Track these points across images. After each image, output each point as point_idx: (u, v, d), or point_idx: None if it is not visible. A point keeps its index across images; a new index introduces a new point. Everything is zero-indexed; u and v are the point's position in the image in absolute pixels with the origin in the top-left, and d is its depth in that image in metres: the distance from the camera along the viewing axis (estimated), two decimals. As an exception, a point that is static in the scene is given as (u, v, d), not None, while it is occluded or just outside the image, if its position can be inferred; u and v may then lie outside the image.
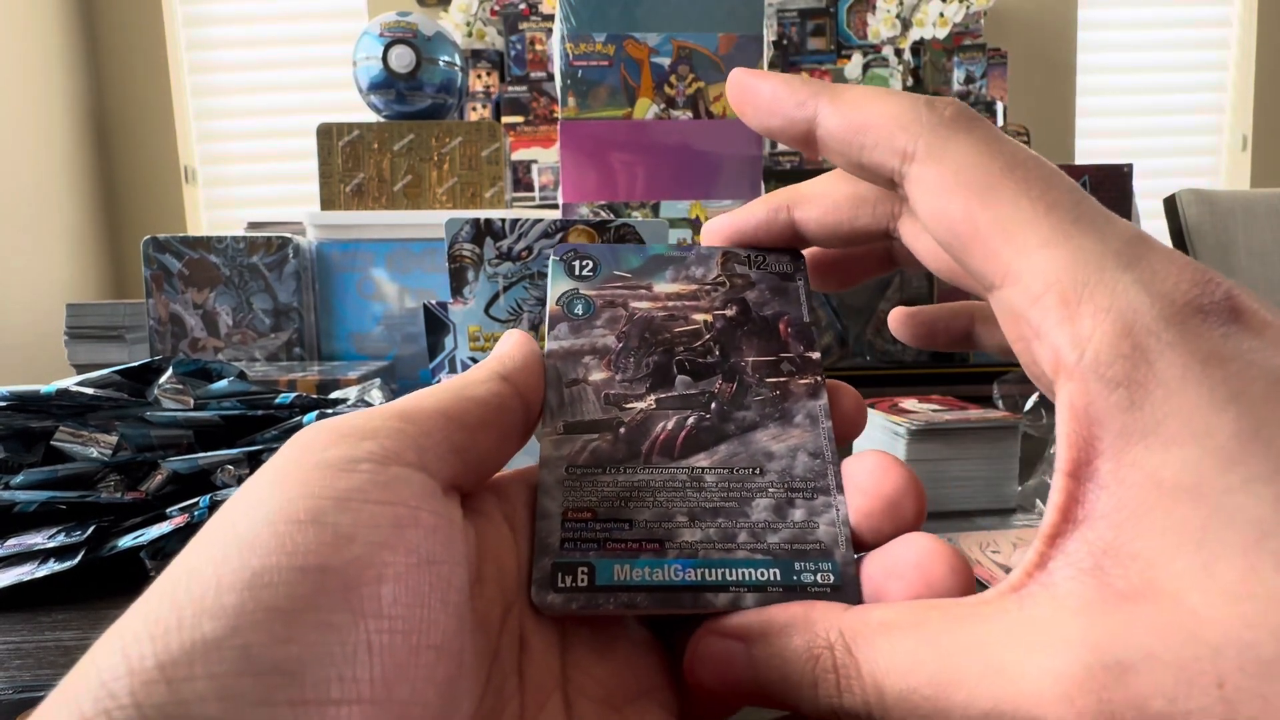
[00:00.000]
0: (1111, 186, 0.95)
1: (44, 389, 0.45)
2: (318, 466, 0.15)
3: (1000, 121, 2.35)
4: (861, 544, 0.19)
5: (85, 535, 0.38)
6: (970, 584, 0.17)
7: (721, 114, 0.76)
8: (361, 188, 0.89)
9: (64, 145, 2.50)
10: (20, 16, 2.35)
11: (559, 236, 0.51)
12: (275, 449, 0.23)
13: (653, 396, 0.21)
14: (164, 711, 0.12)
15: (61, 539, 0.38)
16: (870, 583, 0.18)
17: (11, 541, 0.39)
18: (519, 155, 2.23)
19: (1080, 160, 2.62)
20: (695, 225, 0.76)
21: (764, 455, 0.20)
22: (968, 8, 2.32)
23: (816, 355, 0.22)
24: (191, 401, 0.48)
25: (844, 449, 0.20)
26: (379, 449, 0.16)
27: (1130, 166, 0.96)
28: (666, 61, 0.74)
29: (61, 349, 0.92)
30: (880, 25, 2.34)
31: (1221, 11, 2.68)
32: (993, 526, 0.49)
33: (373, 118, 0.97)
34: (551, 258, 0.23)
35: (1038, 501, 0.52)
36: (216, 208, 2.71)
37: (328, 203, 0.89)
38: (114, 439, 0.44)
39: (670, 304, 0.22)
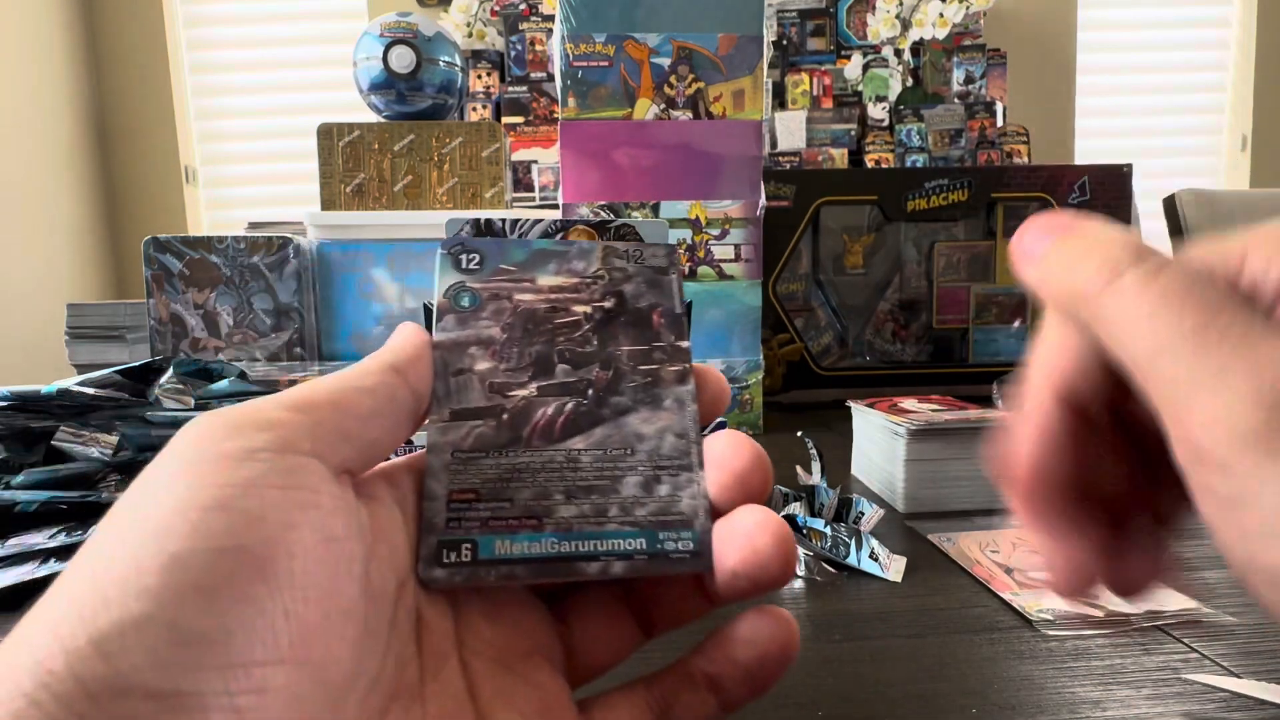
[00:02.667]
0: (1111, 186, 0.95)
1: (45, 389, 0.45)
2: (219, 458, 0.16)
3: (1000, 121, 2.35)
4: (719, 513, 0.21)
5: (86, 535, 0.38)
6: (792, 550, 0.19)
7: (721, 114, 0.76)
8: (362, 188, 0.89)
9: (64, 145, 2.50)
10: (21, 17, 2.35)
11: (559, 236, 0.51)
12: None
13: (534, 384, 0.22)
14: (104, 682, 0.13)
15: (62, 539, 0.38)
16: (714, 547, 0.20)
17: (12, 541, 0.39)
18: (519, 155, 2.23)
19: (1080, 160, 2.62)
20: (695, 225, 0.77)
21: (635, 437, 0.22)
22: (967, 8, 2.32)
23: (686, 344, 0.24)
24: (192, 401, 0.48)
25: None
26: (275, 439, 0.17)
27: (1130, 166, 0.96)
28: (666, 62, 0.74)
29: (62, 349, 0.92)
30: (880, 25, 2.34)
31: (1221, 11, 2.68)
32: (993, 526, 0.49)
33: (373, 118, 0.97)
34: (438, 252, 0.24)
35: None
36: (217, 208, 2.71)
37: (328, 203, 0.89)
38: (115, 439, 0.44)
39: (552, 296, 0.24)
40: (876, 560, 0.42)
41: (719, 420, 0.51)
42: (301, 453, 0.17)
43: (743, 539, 0.19)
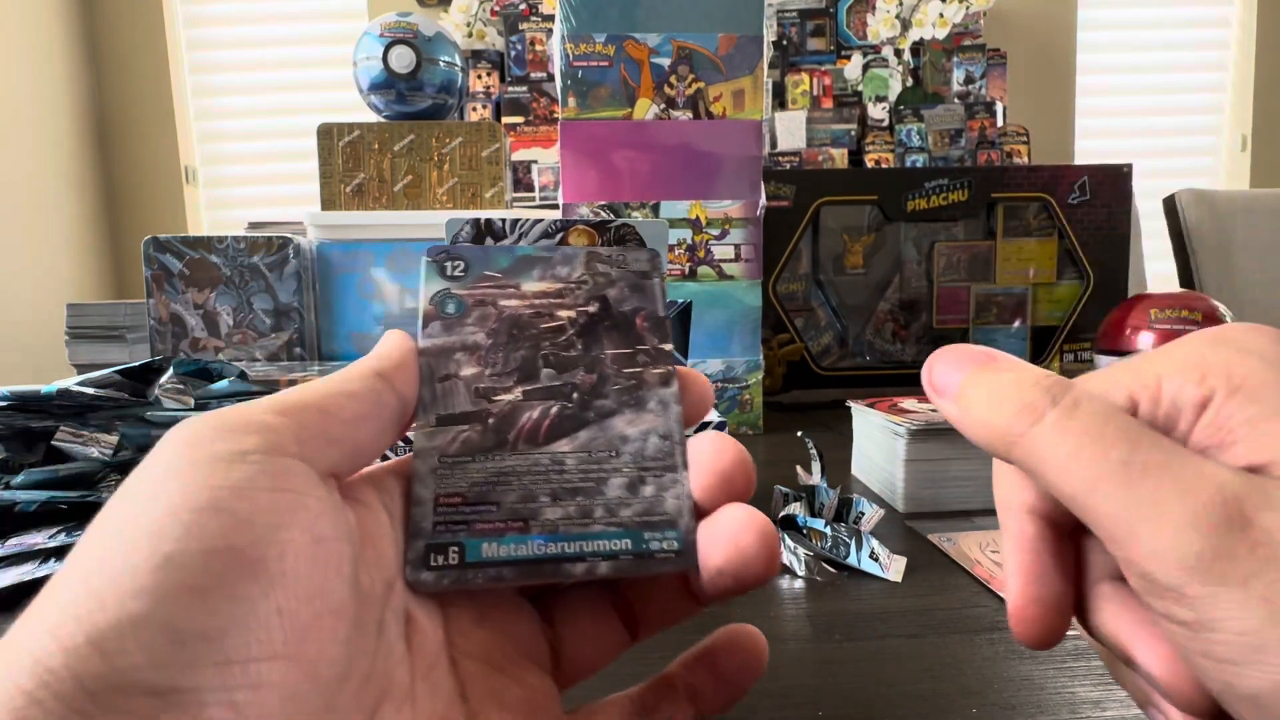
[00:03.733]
0: (1111, 186, 0.95)
1: (44, 389, 0.45)
2: (209, 460, 0.16)
3: (1000, 121, 2.35)
4: (703, 513, 0.21)
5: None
6: (775, 548, 0.19)
7: (721, 114, 0.76)
8: (362, 188, 0.89)
9: (64, 145, 2.50)
10: (20, 16, 2.35)
11: (559, 237, 0.51)
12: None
13: (520, 389, 0.22)
14: (103, 680, 0.13)
15: (62, 539, 0.38)
16: (699, 546, 0.20)
17: (12, 541, 0.39)
18: (519, 155, 2.23)
19: (1080, 160, 2.62)
20: (695, 225, 0.77)
21: (619, 439, 0.22)
22: (967, 8, 2.32)
23: (669, 347, 0.24)
24: (192, 401, 0.48)
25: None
26: (264, 442, 0.17)
27: (1130, 166, 0.96)
28: (666, 62, 0.74)
29: (62, 349, 0.92)
30: (880, 25, 2.34)
31: (1221, 11, 2.68)
32: (992, 526, 0.49)
33: (373, 118, 0.97)
34: (423, 259, 0.24)
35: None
36: (217, 208, 2.71)
37: (328, 203, 0.89)
38: (115, 439, 0.44)
39: (537, 302, 0.24)
40: (876, 560, 0.42)
41: (719, 420, 0.51)
42: (289, 455, 0.17)
43: (727, 537, 0.19)
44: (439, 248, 0.24)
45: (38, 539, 0.38)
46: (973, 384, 0.18)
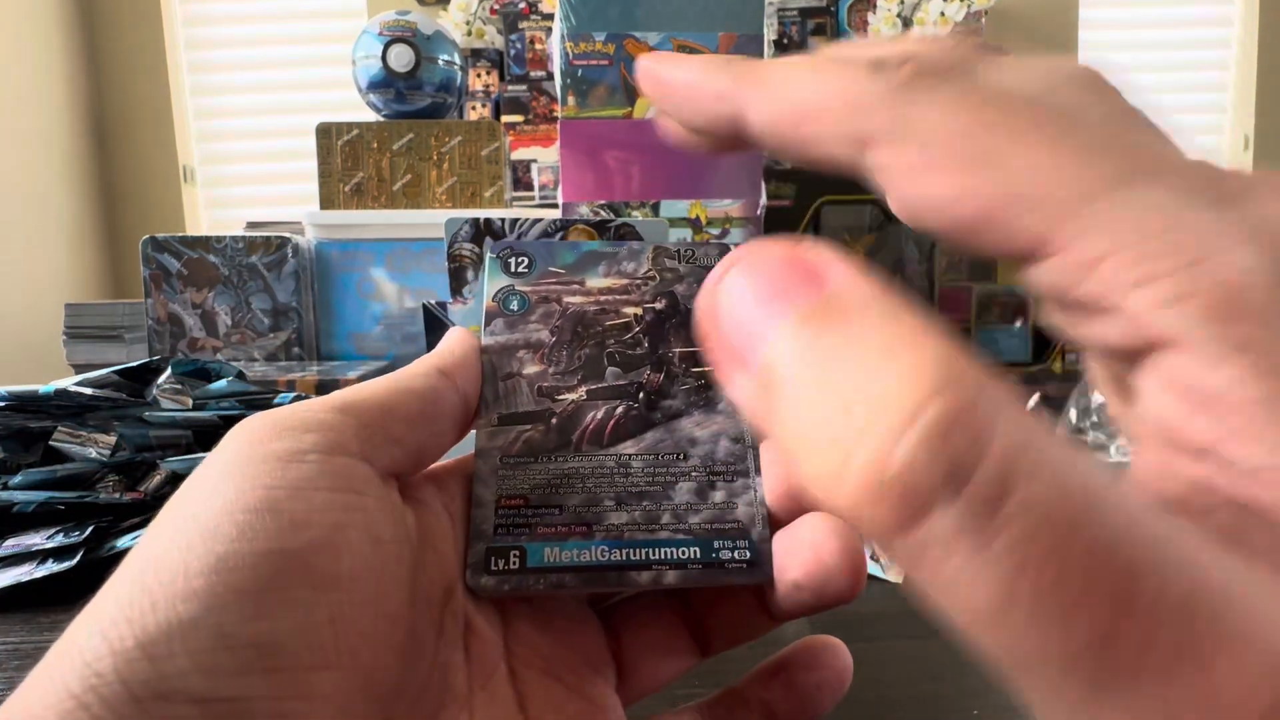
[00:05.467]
0: (1112, 186, 0.95)
1: (42, 389, 0.45)
2: (267, 458, 0.16)
3: (1000, 121, 2.35)
4: (777, 522, 0.20)
5: (84, 536, 0.38)
6: (861, 562, 0.17)
7: (722, 113, 0.76)
8: (361, 187, 0.89)
9: (64, 145, 2.50)
10: (20, 16, 2.35)
11: (559, 236, 0.51)
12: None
13: (584, 388, 0.22)
14: (150, 687, 0.13)
15: (60, 539, 0.38)
16: (776, 558, 0.19)
17: (10, 542, 0.38)
18: (519, 155, 2.22)
19: (1080, 160, 2.62)
20: (695, 225, 0.76)
21: (688, 441, 0.21)
22: (968, 7, 2.32)
23: None
24: (190, 401, 0.48)
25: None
26: (323, 440, 0.16)
27: (1131, 166, 0.96)
28: (666, 61, 0.74)
29: (60, 349, 0.92)
30: (881, 24, 2.34)
31: (1222, 11, 2.67)
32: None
33: (372, 117, 0.97)
34: (487, 255, 0.24)
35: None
36: (216, 208, 2.71)
37: (327, 202, 0.89)
38: (113, 439, 0.44)
39: (602, 298, 0.23)
40: (877, 561, 0.42)
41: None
42: (349, 455, 0.17)
43: (806, 549, 0.18)
44: (504, 243, 0.24)
45: (36, 539, 0.38)
46: (799, 359, 0.10)
